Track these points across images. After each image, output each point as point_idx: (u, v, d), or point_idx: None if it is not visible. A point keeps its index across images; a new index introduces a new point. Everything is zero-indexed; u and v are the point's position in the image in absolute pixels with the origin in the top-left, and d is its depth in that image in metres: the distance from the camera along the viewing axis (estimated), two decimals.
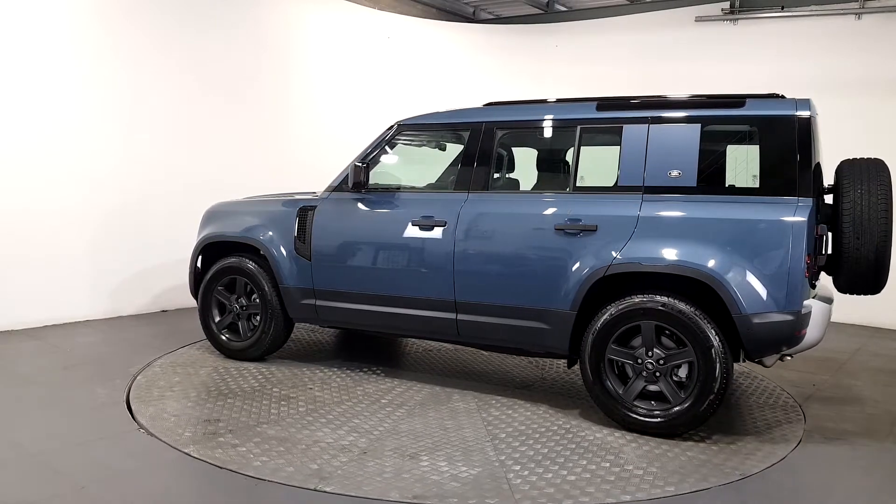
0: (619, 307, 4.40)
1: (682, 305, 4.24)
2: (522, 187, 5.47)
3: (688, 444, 4.27)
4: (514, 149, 5.37)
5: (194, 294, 6.00)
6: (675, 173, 4.45)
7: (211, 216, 6.03)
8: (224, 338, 5.84)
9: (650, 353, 4.37)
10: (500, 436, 4.34)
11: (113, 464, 3.78)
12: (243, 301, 5.77)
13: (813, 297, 4.36)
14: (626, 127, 4.64)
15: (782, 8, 8.84)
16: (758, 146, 4.41)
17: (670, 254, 4.31)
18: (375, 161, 5.41)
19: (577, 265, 4.53)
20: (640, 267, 4.36)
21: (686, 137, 4.47)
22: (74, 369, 5.47)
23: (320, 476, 3.66)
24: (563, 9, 11.04)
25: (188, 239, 7.24)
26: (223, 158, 8.17)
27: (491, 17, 11.85)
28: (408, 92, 9.85)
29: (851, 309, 4.92)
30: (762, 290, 4.13)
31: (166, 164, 7.66)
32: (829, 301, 4.58)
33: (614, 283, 4.48)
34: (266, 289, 5.60)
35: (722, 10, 9.17)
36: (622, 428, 4.46)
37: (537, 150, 5.42)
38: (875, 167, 4.48)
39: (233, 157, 8.27)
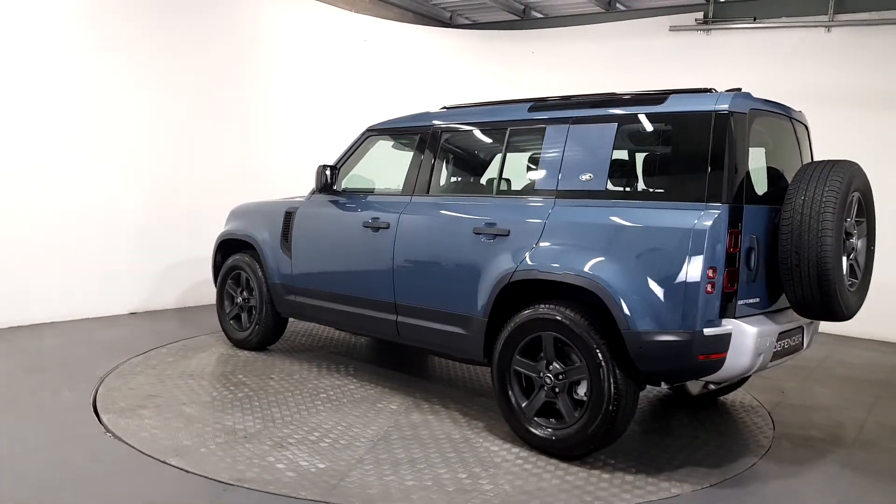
0: (522, 316, 4.20)
1: (577, 318, 3.95)
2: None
3: (577, 469, 3.97)
4: (459, 151, 5.27)
5: (216, 285, 6.57)
6: (586, 176, 4.17)
7: (231, 215, 6.57)
8: (229, 327, 6.35)
9: (550, 367, 4.12)
10: (391, 437, 4.33)
11: (77, 467, 3.74)
12: (245, 294, 6.23)
13: (743, 318, 3.83)
14: (548, 128, 4.42)
15: (754, 19, 9.07)
16: (670, 146, 4.00)
17: (564, 261, 4.04)
18: (349, 165, 5.61)
19: (488, 271, 4.39)
20: (538, 274, 4.13)
21: (601, 138, 4.17)
22: (42, 371, 5.37)
23: (180, 452, 3.92)
24: (539, 15, 11.09)
25: (158, 241, 7.76)
26: (192, 162, 8.13)
27: (468, 22, 11.83)
28: (385, 95, 9.87)
29: None
30: (655, 306, 3.74)
31: (135, 166, 7.61)
32: (778, 323, 4.01)
33: (524, 290, 4.28)
34: (259, 284, 6.01)
35: (696, 20, 9.38)
36: (525, 444, 4.24)
37: (476, 152, 5.29)
38: (829, 171, 3.88)
39: (204, 161, 8.22)
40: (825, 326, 4.63)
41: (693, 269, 3.65)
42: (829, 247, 3.77)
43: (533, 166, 4.46)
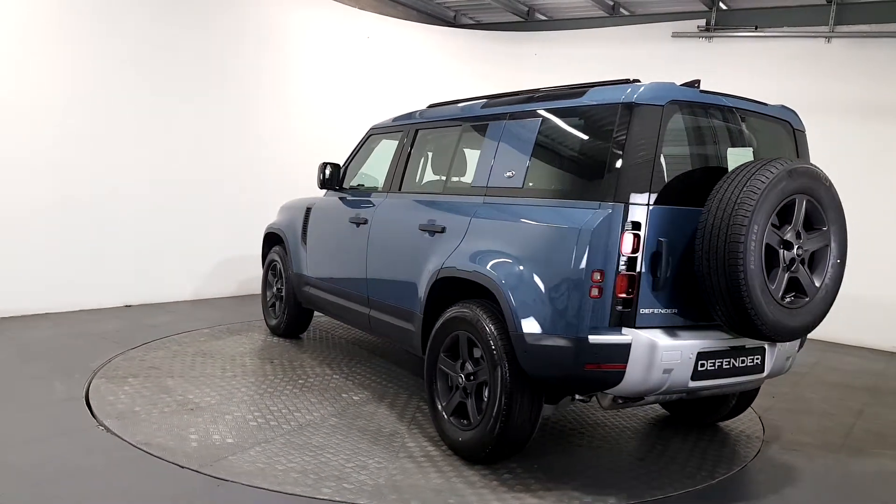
0: (445, 314, 4.15)
1: (484, 317, 3.82)
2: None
3: (474, 472, 3.84)
4: (425, 149, 5.23)
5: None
6: (508, 174, 4.03)
7: (279, 210, 7.03)
8: (267, 314, 6.82)
9: (463, 367, 4.03)
10: (324, 424, 4.45)
11: (70, 460, 3.71)
12: (279, 284, 6.65)
13: (649, 329, 3.51)
14: (490, 125, 4.33)
15: (756, 28, 9.17)
16: (582, 141, 3.76)
17: (474, 259, 3.95)
18: (356, 163, 5.82)
19: (426, 267, 4.39)
20: (455, 272, 4.07)
21: (525, 134, 4.02)
22: (33, 362, 5.36)
23: (122, 416, 4.33)
24: (543, 18, 11.09)
25: (154, 232, 7.78)
26: (194, 155, 8.09)
27: (471, 22, 11.79)
28: (388, 93, 9.71)
29: None
30: (541, 308, 3.54)
31: (132, 159, 7.54)
32: (698, 339, 3.61)
33: (453, 288, 4.22)
34: (286, 275, 6.40)
35: (698, 27, 9.49)
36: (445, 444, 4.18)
37: (438, 150, 5.20)
38: (755, 170, 3.45)
39: (205, 155, 8.20)
40: (815, 333, 4.03)
41: (577, 272, 3.42)
42: (740, 254, 3.33)
43: (475, 164, 4.38)
